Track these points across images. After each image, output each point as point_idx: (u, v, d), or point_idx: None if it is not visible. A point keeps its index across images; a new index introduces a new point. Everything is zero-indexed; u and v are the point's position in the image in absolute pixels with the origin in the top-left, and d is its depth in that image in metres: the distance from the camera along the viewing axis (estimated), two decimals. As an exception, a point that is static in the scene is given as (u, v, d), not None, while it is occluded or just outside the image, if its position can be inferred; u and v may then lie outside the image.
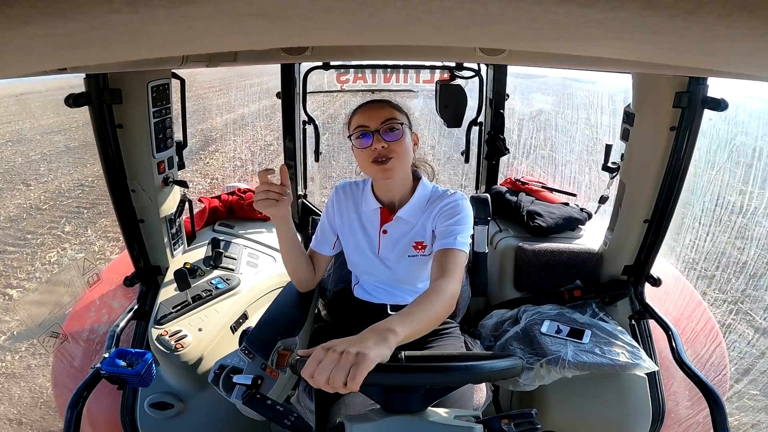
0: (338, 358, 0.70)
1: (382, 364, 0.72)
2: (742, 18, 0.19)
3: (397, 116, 1.11)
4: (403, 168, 1.13)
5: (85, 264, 1.45)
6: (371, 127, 1.09)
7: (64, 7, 0.18)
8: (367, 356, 0.69)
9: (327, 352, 0.71)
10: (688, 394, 1.40)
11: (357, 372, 0.68)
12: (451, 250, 1.04)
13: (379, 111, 1.11)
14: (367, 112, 1.12)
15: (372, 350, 0.71)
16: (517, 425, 0.77)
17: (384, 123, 1.09)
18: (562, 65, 1.17)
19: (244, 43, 0.36)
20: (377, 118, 1.10)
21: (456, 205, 1.13)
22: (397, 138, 1.09)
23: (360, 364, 0.68)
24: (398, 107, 1.16)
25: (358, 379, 0.68)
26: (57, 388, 1.57)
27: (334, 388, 0.69)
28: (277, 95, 1.94)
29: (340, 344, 0.73)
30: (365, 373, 0.68)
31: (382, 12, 0.22)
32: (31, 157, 7.01)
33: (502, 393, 1.57)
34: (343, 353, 0.70)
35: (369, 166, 1.10)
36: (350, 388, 0.68)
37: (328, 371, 0.69)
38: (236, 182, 2.18)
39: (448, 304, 0.92)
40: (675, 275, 1.81)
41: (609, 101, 9.26)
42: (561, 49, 0.35)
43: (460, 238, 1.06)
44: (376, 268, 1.23)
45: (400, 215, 1.17)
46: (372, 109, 1.12)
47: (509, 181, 2.11)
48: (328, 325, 1.63)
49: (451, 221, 1.10)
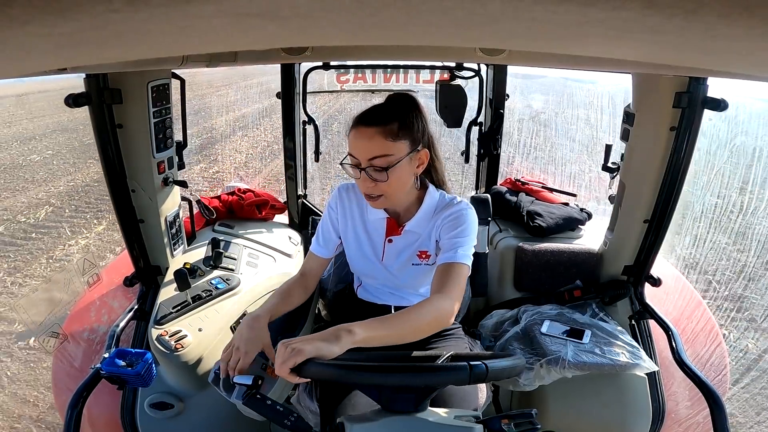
0: (283, 351, 0.79)
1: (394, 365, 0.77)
2: (742, 18, 0.19)
3: (388, 150, 0.98)
4: (396, 198, 1.08)
5: (85, 264, 1.45)
6: (360, 162, 1.00)
7: (63, 6, 0.18)
8: (300, 351, 0.77)
9: (280, 346, 0.81)
10: (688, 394, 1.40)
11: (288, 361, 0.77)
12: (453, 265, 1.02)
13: (367, 143, 0.98)
14: (357, 138, 1.00)
15: (309, 346, 0.78)
16: (517, 425, 0.77)
17: (372, 160, 0.99)
18: (562, 65, 1.17)
19: (244, 43, 0.36)
20: (365, 152, 0.99)
21: (459, 216, 1.09)
22: (384, 180, 1.00)
23: (295, 356, 0.77)
24: (395, 130, 0.99)
25: (282, 369, 0.78)
26: (57, 388, 1.57)
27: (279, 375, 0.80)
28: (277, 95, 1.94)
29: (292, 340, 0.81)
30: (292, 363, 0.77)
31: (382, 12, 0.22)
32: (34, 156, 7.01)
33: (502, 393, 1.57)
34: (285, 347, 0.80)
35: (362, 192, 1.07)
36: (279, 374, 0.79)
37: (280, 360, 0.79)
38: (236, 182, 2.18)
39: (435, 321, 0.91)
40: (675, 275, 1.81)
41: (609, 101, 9.26)
42: (561, 49, 0.35)
43: (461, 251, 1.04)
44: (379, 273, 1.22)
45: (408, 228, 1.14)
46: (362, 136, 0.99)
47: (509, 181, 2.11)
48: (328, 325, 1.62)
49: (454, 233, 1.07)
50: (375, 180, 1.00)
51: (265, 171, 6.18)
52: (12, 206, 4.90)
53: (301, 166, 2.09)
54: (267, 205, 1.98)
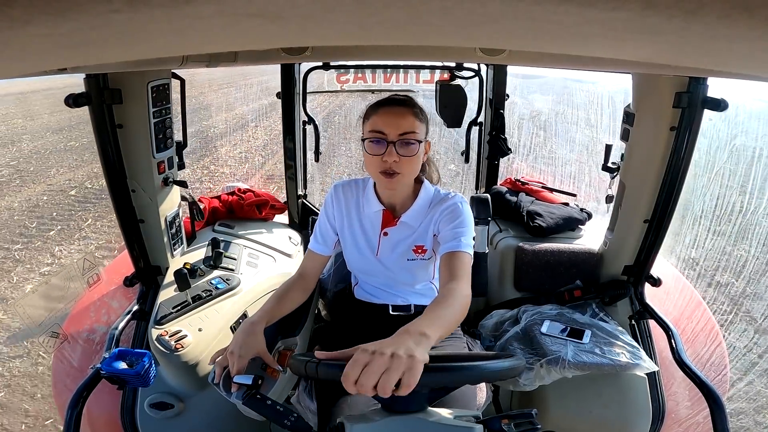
0: (389, 361, 0.66)
1: None
2: (742, 18, 0.19)
3: (417, 129, 1.06)
4: (408, 180, 1.12)
5: (85, 264, 1.45)
6: (388, 137, 1.04)
7: (64, 6, 0.18)
8: (418, 360, 0.67)
9: (373, 355, 0.67)
10: (688, 394, 1.40)
11: (411, 376, 0.65)
12: (458, 253, 1.04)
13: (400, 120, 1.04)
14: (388, 116, 1.05)
15: (419, 353, 0.68)
16: (517, 425, 0.77)
17: (402, 135, 1.04)
18: (562, 65, 1.17)
19: (244, 43, 0.36)
20: (396, 128, 1.04)
21: (456, 208, 1.12)
22: (411, 155, 1.05)
23: (413, 368, 0.65)
24: (419, 114, 1.09)
25: (412, 383, 0.65)
26: (57, 388, 1.57)
27: (383, 393, 0.65)
28: (277, 95, 1.94)
29: (385, 346, 0.69)
30: (418, 376, 0.65)
31: (382, 12, 0.22)
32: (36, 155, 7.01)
33: (502, 393, 1.57)
34: (393, 356, 0.66)
35: (375, 173, 1.08)
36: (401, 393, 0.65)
37: (377, 375, 0.65)
38: (236, 182, 2.18)
39: (464, 307, 0.92)
40: (675, 275, 1.81)
41: (609, 101, 9.26)
42: (561, 49, 0.35)
43: (465, 240, 1.06)
44: (375, 269, 1.23)
45: (404, 220, 1.17)
46: (393, 114, 1.05)
47: (509, 181, 2.11)
48: (328, 325, 1.63)
49: (454, 224, 1.09)
50: (401, 155, 1.05)
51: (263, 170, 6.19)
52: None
53: (301, 166, 2.09)
54: (267, 205, 1.99)
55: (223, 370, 0.97)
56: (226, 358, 0.98)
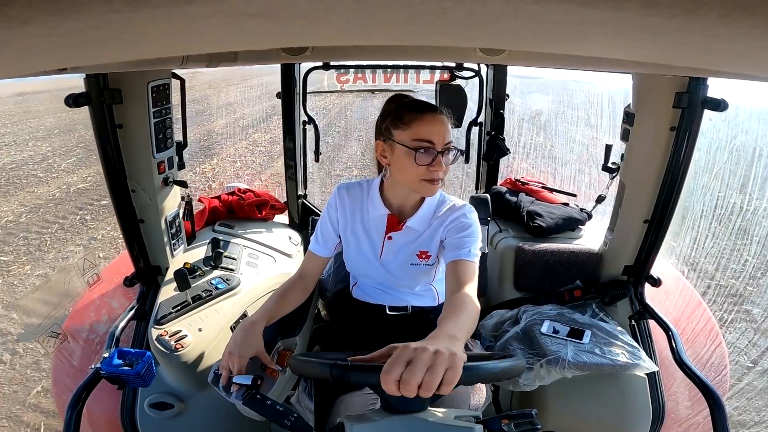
0: (433, 357, 0.65)
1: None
2: (742, 18, 0.19)
3: (451, 136, 1.07)
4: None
5: (85, 264, 1.45)
6: (436, 146, 1.02)
7: (63, 6, 0.18)
8: (460, 357, 0.66)
9: (416, 352, 0.66)
10: (688, 394, 1.40)
11: (453, 374, 0.64)
12: (464, 262, 1.04)
13: (442, 129, 1.04)
14: (433, 125, 1.03)
15: (459, 351, 0.68)
16: (517, 425, 0.77)
17: (446, 145, 1.04)
18: (562, 65, 1.17)
19: (244, 43, 0.36)
20: (442, 137, 1.03)
21: (466, 218, 1.13)
22: (451, 163, 1.06)
23: (456, 366, 0.65)
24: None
25: (454, 380, 0.64)
26: (57, 388, 1.57)
27: (427, 390, 0.64)
28: (277, 95, 1.94)
29: (427, 344, 0.68)
30: (459, 373, 0.65)
31: (381, 12, 0.22)
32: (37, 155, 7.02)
33: (502, 393, 1.57)
34: (436, 353, 0.66)
35: (416, 180, 1.05)
36: (443, 392, 0.65)
37: (422, 373, 0.64)
38: (236, 182, 2.18)
39: (477, 315, 0.93)
40: (675, 275, 1.81)
41: (609, 101, 9.26)
42: (561, 49, 0.36)
43: (473, 249, 1.07)
44: (376, 272, 1.23)
45: (410, 225, 1.16)
46: (437, 123, 1.04)
47: (509, 181, 2.11)
48: (328, 325, 1.63)
49: (463, 234, 1.10)
50: (445, 164, 1.05)
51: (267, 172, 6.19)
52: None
53: (301, 166, 2.09)
54: (267, 205, 1.99)
55: (229, 374, 0.98)
56: (227, 361, 0.98)
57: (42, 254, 3.85)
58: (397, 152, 1.05)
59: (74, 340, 1.51)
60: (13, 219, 4.64)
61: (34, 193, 5.45)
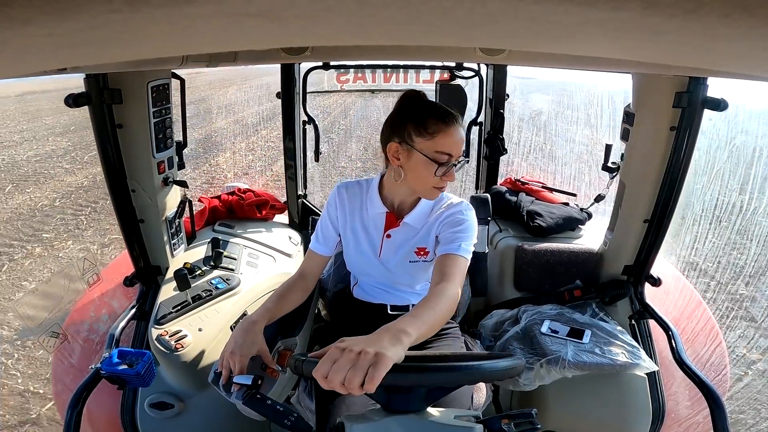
0: (356, 357, 0.67)
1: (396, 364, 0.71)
2: (742, 18, 0.19)
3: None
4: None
5: (85, 264, 1.45)
6: (453, 158, 1.05)
7: (63, 6, 0.18)
8: (385, 356, 0.67)
9: (343, 352, 0.69)
10: (688, 394, 1.40)
11: (375, 372, 0.66)
12: (453, 256, 1.04)
13: (460, 141, 1.06)
14: (455, 138, 1.05)
15: (389, 350, 0.69)
16: (517, 425, 0.77)
17: (459, 157, 1.06)
18: (562, 65, 1.17)
19: (244, 43, 0.36)
20: (459, 149, 1.05)
21: (462, 215, 1.13)
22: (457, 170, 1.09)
23: (378, 364, 0.66)
24: None
25: (376, 380, 0.65)
26: (57, 387, 1.57)
27: (349, 389, 0.66)
28: (277, 95, 1.94)
29: (356, 343, 0.70)
30: (383, 373, 0.66)
31: (381, 12, 0.22)
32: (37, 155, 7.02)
33: (502, 393, 1.57)
34: (360, 353, 0.68)
35: (429, 187, 1.07)
36: (367, 389, 0.66)
37: (344, 371, 0.66)
38: (236, 182, 2.18)
39: (449, 308, 0.92)
40: (675, 275, 1.81)
41: (609, 101, 9.26)
42: (561, 49, 0.36)
43: (464, 245, 1.06)
44: (376, 270, 1.23)
45: (407, 221, 1.16)
46: (456, 136, 1.05)
47: (509, 181, 2.11)
48: (328, 325, 1.63)
49: (457, 229, 1.09)
50: (455, 172, 1.08)
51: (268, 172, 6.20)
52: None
53: (301, 166, 2.09)
54: (267, 205, 1.99)
55: (229, 373, 0.98)
56: (228, 361, 0.98)
57: (81, 232, 4.02)
58: (415, 159, 1.05)
59: (74, 340, 1.51)
60: (48, 203, 4.84)
61: (64, 182, 5.59)
